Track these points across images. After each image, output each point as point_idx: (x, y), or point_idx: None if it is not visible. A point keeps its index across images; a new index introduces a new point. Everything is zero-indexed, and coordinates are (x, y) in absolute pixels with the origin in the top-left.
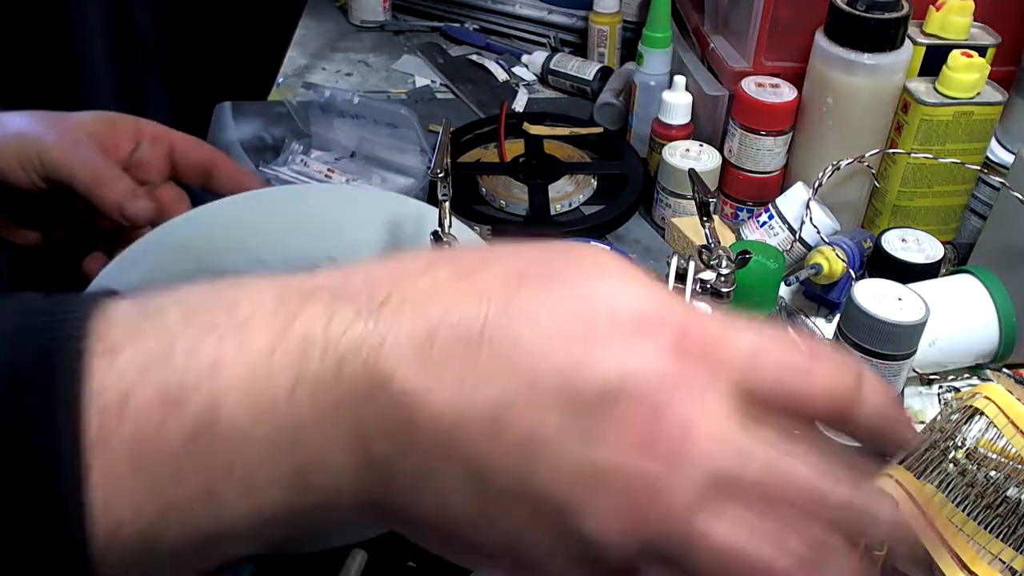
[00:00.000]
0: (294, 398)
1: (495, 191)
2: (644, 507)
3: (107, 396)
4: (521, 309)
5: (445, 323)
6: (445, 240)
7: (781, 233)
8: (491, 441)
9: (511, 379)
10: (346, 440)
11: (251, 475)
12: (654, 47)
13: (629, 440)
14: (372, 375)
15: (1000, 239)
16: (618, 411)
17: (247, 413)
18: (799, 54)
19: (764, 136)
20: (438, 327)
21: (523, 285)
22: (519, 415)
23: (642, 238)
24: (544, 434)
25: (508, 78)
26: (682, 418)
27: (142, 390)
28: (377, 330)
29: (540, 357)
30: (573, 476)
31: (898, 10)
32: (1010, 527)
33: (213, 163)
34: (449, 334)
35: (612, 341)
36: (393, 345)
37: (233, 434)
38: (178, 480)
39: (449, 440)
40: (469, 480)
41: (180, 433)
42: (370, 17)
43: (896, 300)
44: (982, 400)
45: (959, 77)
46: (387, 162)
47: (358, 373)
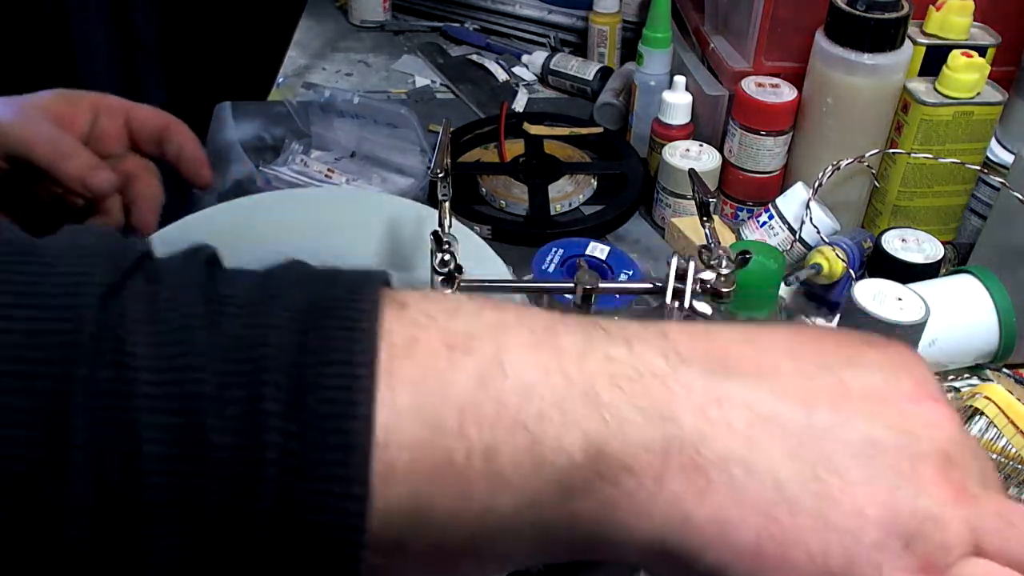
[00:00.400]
0: (589, 353)
1: (495, 191)
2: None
3: (395, 337)
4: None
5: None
6: (445, 240)
7: (781, 233)
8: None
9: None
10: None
11: (542, 432)
12: (654, 47)
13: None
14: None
15: (1000, 239)
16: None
17: (534, 365)
18: (799, 54)
19: (764, 136)
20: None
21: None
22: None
23: (642, 238)
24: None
25: (508, 78)
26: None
27: (428, 335)
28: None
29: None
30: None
31: (898, 10)
32: None
33: (166, 128)
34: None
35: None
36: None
37: (520, 388)
38: (460, 431)
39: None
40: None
41: (466, 378)
42: (370, 17)
43: (896, 300)
44: (982, 400)
45: (959, 77)
46: (387, 162)
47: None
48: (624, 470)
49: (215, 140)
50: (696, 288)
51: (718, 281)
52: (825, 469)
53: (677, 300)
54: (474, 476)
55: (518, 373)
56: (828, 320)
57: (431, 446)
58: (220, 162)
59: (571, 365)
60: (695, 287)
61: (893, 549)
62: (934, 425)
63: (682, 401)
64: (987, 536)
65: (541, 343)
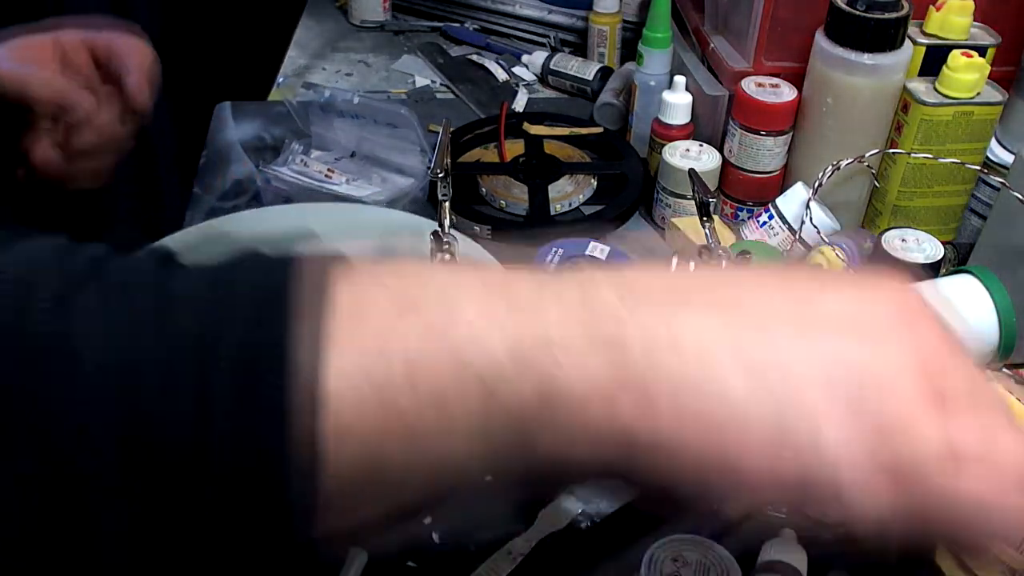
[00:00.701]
0: (542, 300)
1: (495, 191)
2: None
3: (343, 303)
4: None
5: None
6: (445, 240)
7: (781, 233)
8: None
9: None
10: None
11: (494, 379)
12: (654, 47)
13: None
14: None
15: (1000, 239)
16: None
17: (485, 314)
18: (799, 54)
19: (764, 136)
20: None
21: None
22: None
23: (642, 238)
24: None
25: (508, 78)
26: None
27: (377, 299)
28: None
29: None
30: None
31: (898, 10)
32: None
33: (111, 50)
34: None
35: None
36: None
37: (470, 337)
38: (410, 386)
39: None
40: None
41: (415, 334)
42: (370, 17)
43: None
44: None
45: (959, 77)
46: (387, 162)
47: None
48: (577, 404)
49: (215, 140)
50: None
51: None
52: (782, 385)
53: None
54: (425, 428)
55: (468, 322)
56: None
57: (381, 404)
58: (220, 162)
59: (521, 310)
60: None
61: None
62: (912, 344)
63: (631, 330)
64: (966, 449)
65: (493, 294)
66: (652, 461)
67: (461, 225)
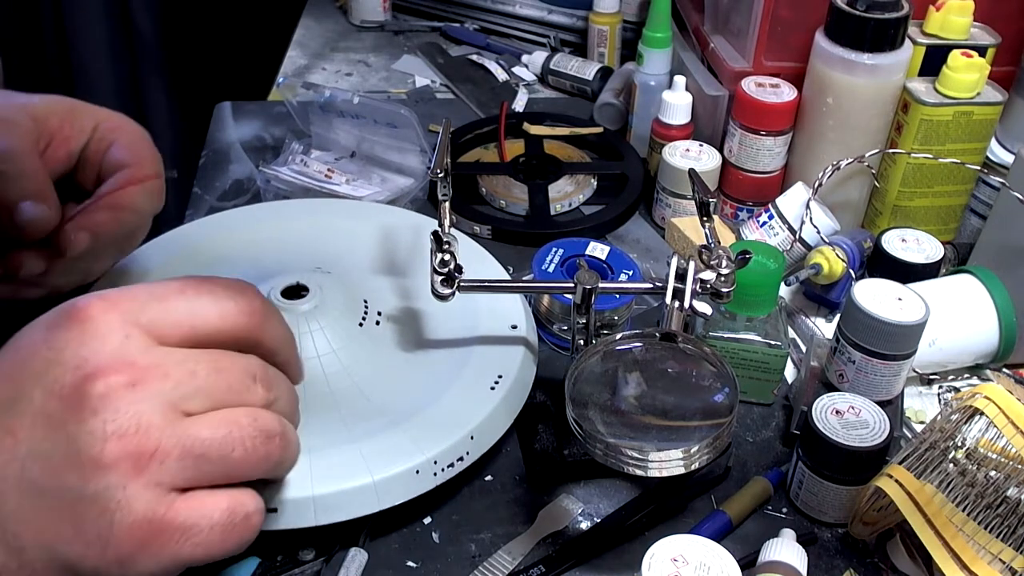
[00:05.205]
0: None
1: (495, 191)
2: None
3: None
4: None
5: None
6: (445, 240)
7: (781, 233)
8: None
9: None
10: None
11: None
12: (654, 47)
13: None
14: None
15: (1000, 239)
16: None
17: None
18: (799, 54)
19: (764, 136)
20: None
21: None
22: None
23: (642, 238)
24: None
25: (508, 78)
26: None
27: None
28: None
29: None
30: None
31: (898, 10)
32: (1010, 527)
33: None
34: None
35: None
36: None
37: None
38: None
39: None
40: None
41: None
42: (370, 17)
43: (896, 300)
44: (982, 400)
45: (959, 77)
46: (387, 162)
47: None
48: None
49: (215, 140)
50: (696, 288)
51: (718, 281)
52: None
53: (677, 300)
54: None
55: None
56: (828, 320)
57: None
58: (220, 162)
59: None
60: (695, 287)
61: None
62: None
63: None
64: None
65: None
66: None
67: (461, 225)
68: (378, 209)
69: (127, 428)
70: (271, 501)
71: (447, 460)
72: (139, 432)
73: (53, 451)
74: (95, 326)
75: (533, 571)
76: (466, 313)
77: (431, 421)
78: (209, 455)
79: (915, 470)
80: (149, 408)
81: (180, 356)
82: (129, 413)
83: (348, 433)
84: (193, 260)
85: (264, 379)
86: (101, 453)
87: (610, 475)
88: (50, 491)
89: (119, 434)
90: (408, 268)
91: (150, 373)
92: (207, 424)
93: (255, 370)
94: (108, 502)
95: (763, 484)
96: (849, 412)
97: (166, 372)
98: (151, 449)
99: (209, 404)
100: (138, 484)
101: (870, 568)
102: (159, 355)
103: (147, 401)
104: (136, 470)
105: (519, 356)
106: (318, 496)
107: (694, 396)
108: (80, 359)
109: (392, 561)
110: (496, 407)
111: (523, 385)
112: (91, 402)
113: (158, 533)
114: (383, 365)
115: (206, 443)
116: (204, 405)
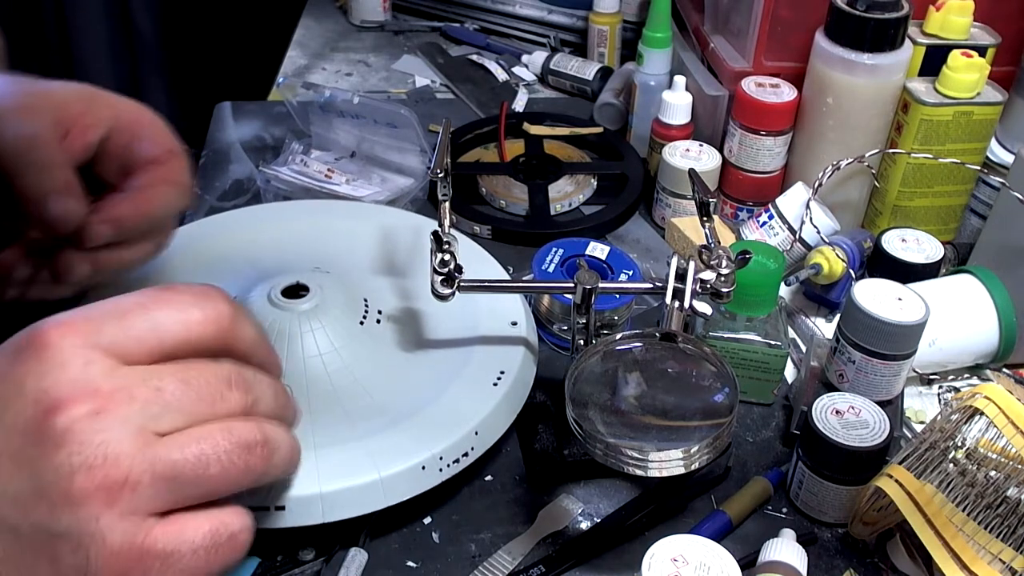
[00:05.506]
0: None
1: (495, 191)
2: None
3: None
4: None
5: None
6: (445, 240)
7: (781, 233)
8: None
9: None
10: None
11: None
12: (654, 47)
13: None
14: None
15: (1000, 239)
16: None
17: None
18: (799, 54)
19: (764, 136)
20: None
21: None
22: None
23: (642, 238)
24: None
25: (508, 78)
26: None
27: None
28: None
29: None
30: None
31: (898, 10)
32: (1010, 527)
33: (160, 161)
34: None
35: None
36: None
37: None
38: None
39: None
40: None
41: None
42: (370, 17)
43: (896, 300)
44: (982, 400)
45: (959, 77)
46: (387, 162)
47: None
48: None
49: (215, 140)
50: (696, 288)
51: (718, 281)
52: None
53: (677, 300)
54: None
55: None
56: (828, 320)
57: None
58: (220, 162)
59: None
60: (695, 287)
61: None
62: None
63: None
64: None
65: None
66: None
67: (461, 225)
68: (378, 210)
69: (94, 459)
70: (279, 499)
71: (452, 456)
72: (107, 462)
73: (22, 489)
74: (53, 353)
75: (533, 571)
76: (466, 312)
77: (435, 418)
78: (183, 477)
79: (915, 470)
80: (116, 435)
81: (145, 375)
82: (95, 443)
83: (353, 430)
84: (193, 261)
85: (240, 383)
86: (70, 488)
87: (610, 475)
88: (24, 530)
89: (87, 466)
90: (408, 269)
91: (114, 398)
92: (178, 444)
93: (228, 375)
94: (82, 536)
95: (763, 484)
96: (849, 412)
97: (131, 394)
98: (121, 478)
99: (182, 420)
100: (112, 515)
101: (870, 568)
102: (123, 377)
103: (113, 428)
104: (108, 501)
105: (520, 353)
106: (326, 493)
107: (694, 396)
108: (40, 391)
109: (392, 561)
110: (499, 403)
111: (525, 381)
112: (55, 436)
113: (138, 562)
114: (385, 363)
115: (178, 465)
116: (177, 422)
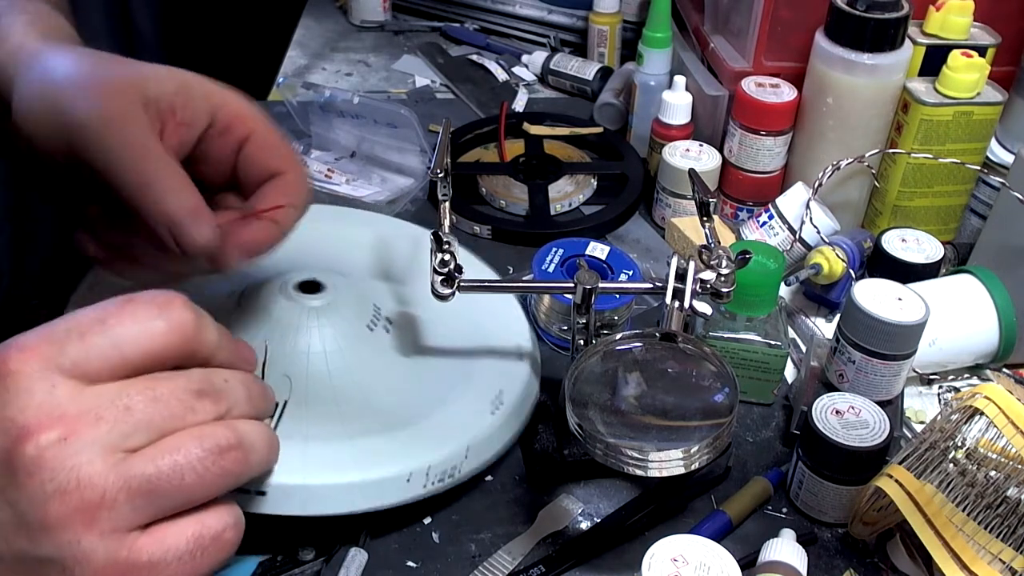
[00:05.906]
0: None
1: (495, 191)
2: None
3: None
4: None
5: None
6: (445, 240)
7: (781, 233)
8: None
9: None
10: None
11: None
12: (654, 47)
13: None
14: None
15: (1000, 239)
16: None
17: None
18: (799, 54)
19: (764, 136)
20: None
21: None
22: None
23: (642, 238)
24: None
25: (508, 78)
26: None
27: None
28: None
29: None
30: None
31: (898, 10)
32: (1010, 527)
33: (281, 174)
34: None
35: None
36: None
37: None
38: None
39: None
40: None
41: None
42: (370, 17)
43: (896, 300)
44: (982, 400)
45: (959, 77)
46: (387, 162)
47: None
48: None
49: None
50: (696, 288)
51: (718, 281)
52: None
53: (677, 300)
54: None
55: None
56: (828, 320)
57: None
58: None
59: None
60: (695, 287)
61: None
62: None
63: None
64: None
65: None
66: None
67: (461, 225)
68: (403, 224)
69: (67, 484)
70: (261, 484)
71: (439, 472)
72: (80, 485)
73: (0, 520)
74: (16, 380)
75: (533, 571)
76: (475, 332)
77: (429, 432)
78: (160, 489)
79: (915, 470)
80: (87, 458)
81: (112, 394)
82: (67, 468)
83: (345, 429)
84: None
85: (211, 391)
86: (45, 515)
87: (610, 475)
88: (7, 559)
89: (61, 492)
90: (423, 281)
91: (81, 421)
92: (150, 458)
93: (197, 385)
94: (65, 561)
95: (763, 484)
96: (849, 412)
97: (98, 416)
98: (97, 499)
99: (153, 435)
100: (92, 536)
101: (870, 568)
102: (89, 399)
103: (84, 452)
104: (87, 523)
105: (522, 380)
106: (307, 486)
107: (694, 396)
108: (7, 420)
109: (392, 561)
110: (495, 428)
111: (522, 409)
112: (26, 465)
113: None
114: (387, 371)
115: (153, 479)
116: (148, 438)
